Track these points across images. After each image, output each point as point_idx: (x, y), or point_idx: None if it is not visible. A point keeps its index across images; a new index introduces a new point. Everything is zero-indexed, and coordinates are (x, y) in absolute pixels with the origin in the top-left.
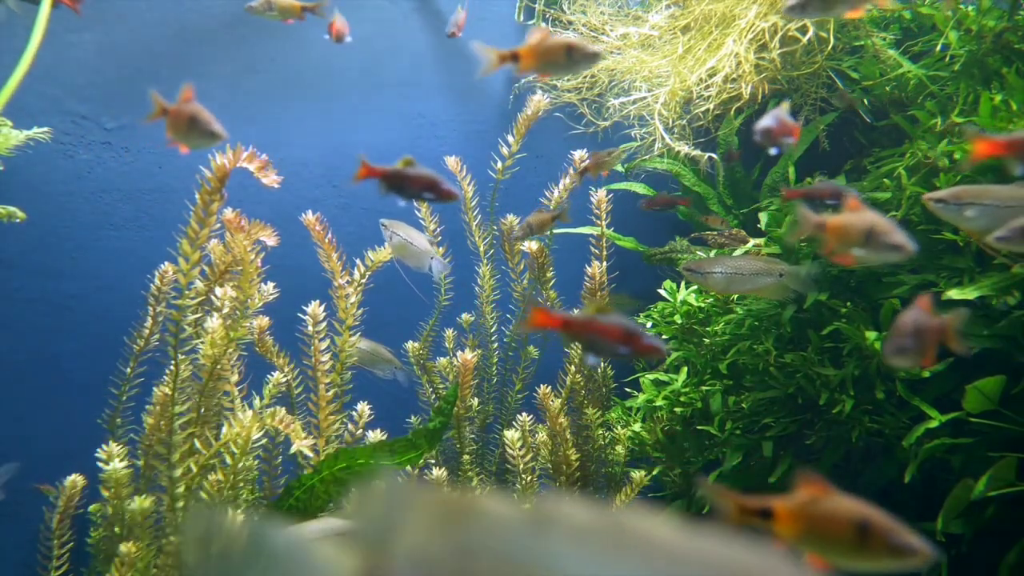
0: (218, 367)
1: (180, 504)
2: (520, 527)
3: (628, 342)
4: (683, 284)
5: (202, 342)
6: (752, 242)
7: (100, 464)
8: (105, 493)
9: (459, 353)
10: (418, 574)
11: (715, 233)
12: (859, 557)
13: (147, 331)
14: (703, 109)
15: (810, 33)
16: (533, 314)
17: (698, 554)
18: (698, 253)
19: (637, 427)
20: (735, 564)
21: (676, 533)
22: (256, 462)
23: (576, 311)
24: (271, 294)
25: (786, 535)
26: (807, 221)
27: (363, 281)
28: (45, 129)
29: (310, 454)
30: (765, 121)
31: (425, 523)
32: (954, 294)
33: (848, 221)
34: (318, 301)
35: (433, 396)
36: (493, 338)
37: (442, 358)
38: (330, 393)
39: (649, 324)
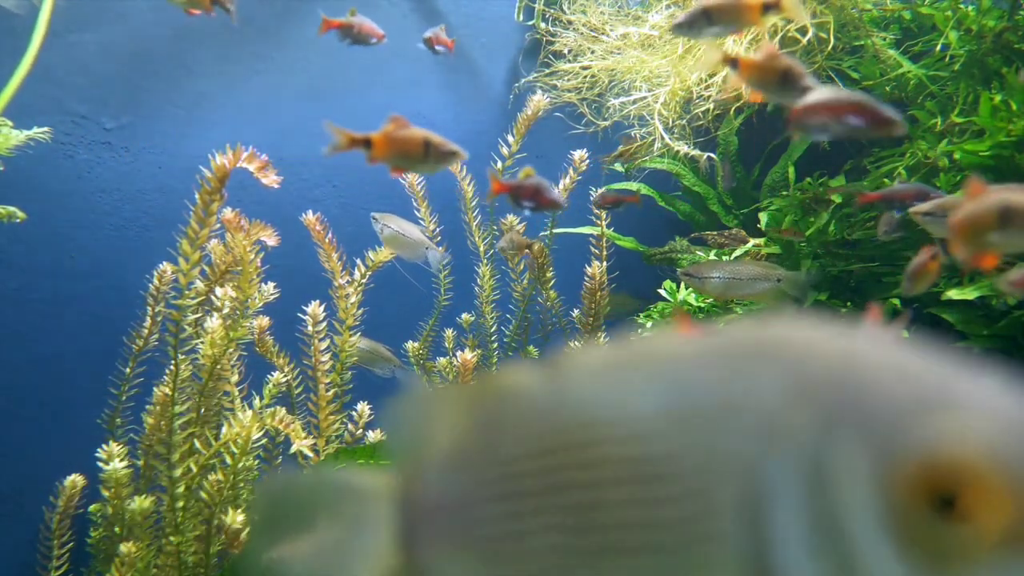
0: (218, 367)
1: (180, 504)
2: (539, 386)
3: (535, 196)
4: (683, 284)
5: (202, 342)
6: (752, 242)
7: (100, 464)
8: (105, 493)
9: (459, 353)
10: (451, 467)
11: (715, 233)
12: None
13: (146, 331)
14: (703, 109)
15: (810, 34)
16: (493, 183)
17: (728, 340)
18: (698, 253)
19: None
20: (770, 337)
21: (700, 337)
22: (256, 462)
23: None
24: (271, 294)
25: None
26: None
27: (363, 281)
28: (45, 129)
29: (310, 454)
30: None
31: (449, 418)
32: (954, 294)
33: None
34: (318, 301)
35: None
36: (493, 338)
37: (442, 358)
38: (330, 393)
39: (649, 324)
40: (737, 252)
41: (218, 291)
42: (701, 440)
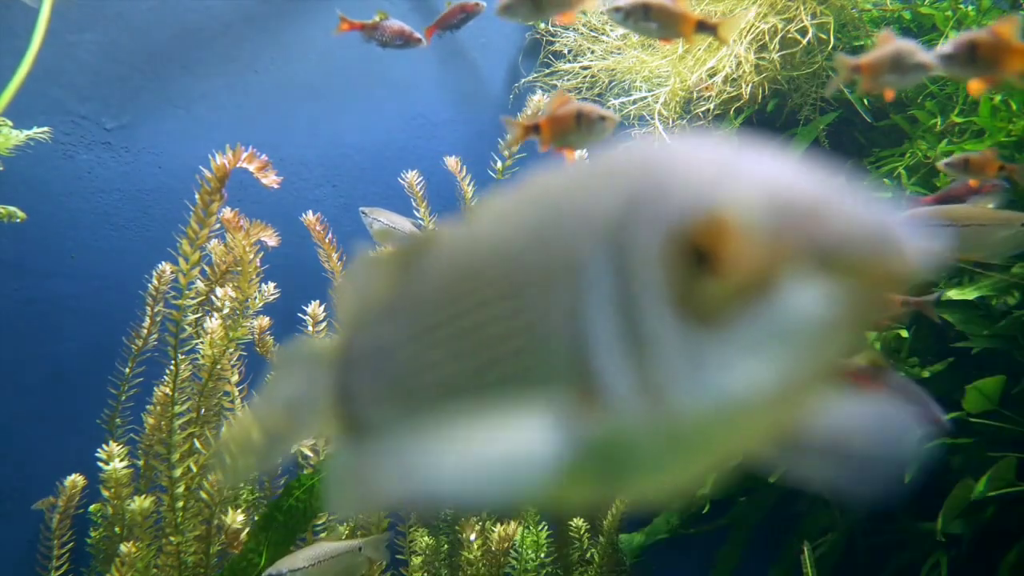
0: (218, 367)
1: (180, 504)
2: (447, 238)
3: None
4: None
5: (202, 342)
6: None
7: (100, 464)
8: (105, 493)
9: None
10: (376, 321)
11: None
12: None
13: (145, 331)
14: (703, 109)
15: (810, 34)
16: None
17: (594, 164)
18: None
19: None
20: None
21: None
22: None
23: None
24: (271, 294)
25: None
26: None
27: None
28: (45, 129)
29: (310, 454)
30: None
31: (381, 279)
32: (954, 294)
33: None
34: (318, 301)
35: None
36: None
37: None
38: None
39: None
40: None
41: (218, 291)
42: (545, 248)
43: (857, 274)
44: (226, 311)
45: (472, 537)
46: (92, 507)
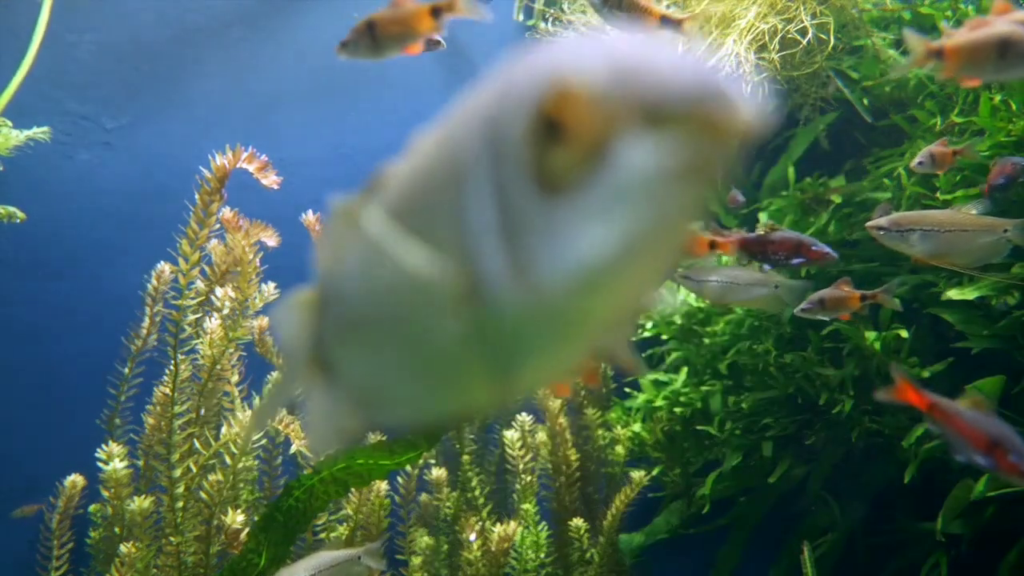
0: (218, 367)
1: (180, 504)
2: (391, 171)
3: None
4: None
5: (201, 342)
6: None
7: (100, 464)
8: (105, 493)
9: None
10: (338, 272)
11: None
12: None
13: (145, 331)
14: None
15: (810, 35)
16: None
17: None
18: None
19: (637, 427)
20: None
21: None
22: (256, 462)
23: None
24: (271, 294)
25: None
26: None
27: None
28: (45, 129)
29: (310, 454)
30: None
31: (347, 238)
32: (953, 294)
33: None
34: None
35: None
36: None
37: None
38: None
39: (649, 324)
40: None
41: (218, 291)
42: (445, 158)
43: (683, 125)
44: (226, 311)
45: (472, 537)
46: (92, 507)
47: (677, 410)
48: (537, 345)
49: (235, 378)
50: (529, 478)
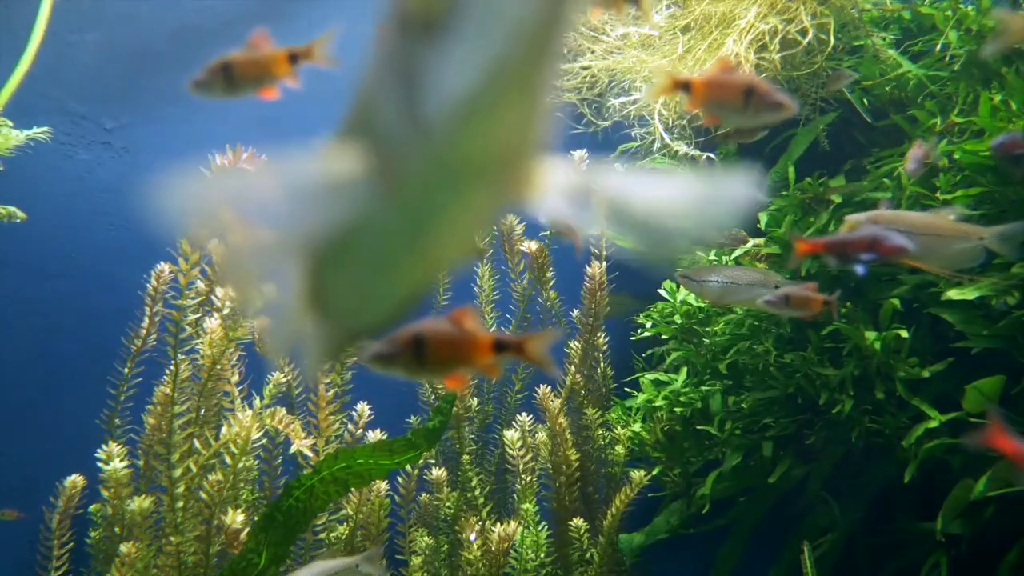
0: (218, 367)
1: (180, 504)
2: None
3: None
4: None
5: (201, 342)
6: (752, 242)
7: (100, 464)
8: (105, 493)
9: None
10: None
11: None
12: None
13: (144, 331)
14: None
15: (810, 35)
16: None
17: None
18: (697, 253)
19: (637, 427)
20: None
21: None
22: (256, 462)
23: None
24: (272, 294)
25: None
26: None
27: None
28: (45, 129)
29: (310, 454)
30: None
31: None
32: (953, 294)
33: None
34: None
35: (433, 396)
36: None
37: None
38: (330, 393)
39: (649, 324)
40: (736, 252)
41: (218, 291)
42: (371, 56)
43: None
44: (226, 311)
45: (472, 537)
46: (92, 507)
47: (677, 410)
48: (443, 199)
49: (235, 378)
50: (529, 478)
